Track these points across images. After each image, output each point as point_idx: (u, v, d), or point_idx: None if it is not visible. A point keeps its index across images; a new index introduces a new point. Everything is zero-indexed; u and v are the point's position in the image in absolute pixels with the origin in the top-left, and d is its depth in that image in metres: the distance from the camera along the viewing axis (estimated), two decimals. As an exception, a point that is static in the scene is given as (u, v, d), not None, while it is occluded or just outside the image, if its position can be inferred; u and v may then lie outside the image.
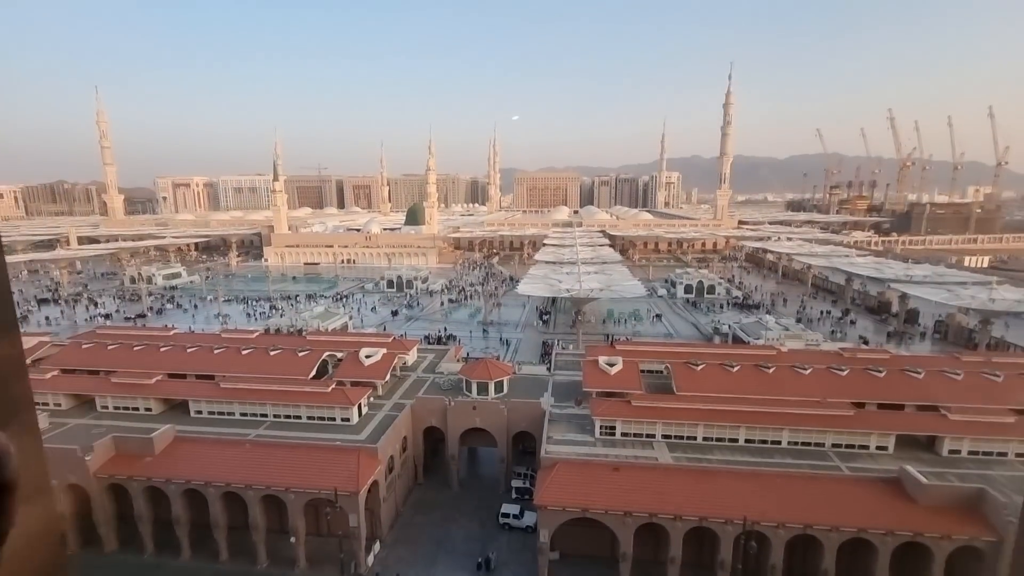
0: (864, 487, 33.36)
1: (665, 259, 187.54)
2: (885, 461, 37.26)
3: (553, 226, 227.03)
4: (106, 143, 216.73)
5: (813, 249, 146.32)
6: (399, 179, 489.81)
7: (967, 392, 42.88)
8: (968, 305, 79.36)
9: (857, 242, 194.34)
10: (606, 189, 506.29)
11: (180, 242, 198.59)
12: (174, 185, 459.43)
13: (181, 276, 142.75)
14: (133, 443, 38.48)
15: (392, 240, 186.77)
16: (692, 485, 34.05)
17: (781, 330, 73.44)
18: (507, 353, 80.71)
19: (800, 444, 39.39)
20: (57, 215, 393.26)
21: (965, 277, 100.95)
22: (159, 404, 46.75)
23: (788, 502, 32.25)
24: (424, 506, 44.05)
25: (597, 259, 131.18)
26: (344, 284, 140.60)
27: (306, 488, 35.36)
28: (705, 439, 40.09)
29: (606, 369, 46.62)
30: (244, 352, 52.90)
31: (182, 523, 37.29)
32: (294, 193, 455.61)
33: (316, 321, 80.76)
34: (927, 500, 31.32)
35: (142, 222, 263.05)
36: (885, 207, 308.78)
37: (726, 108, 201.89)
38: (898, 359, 51.24)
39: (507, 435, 45.16)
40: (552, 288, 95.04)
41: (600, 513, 33.05)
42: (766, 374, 45.78)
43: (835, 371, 46.10)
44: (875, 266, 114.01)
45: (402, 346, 56.73)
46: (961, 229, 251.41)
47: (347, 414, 43.60)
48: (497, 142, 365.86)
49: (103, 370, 51.19)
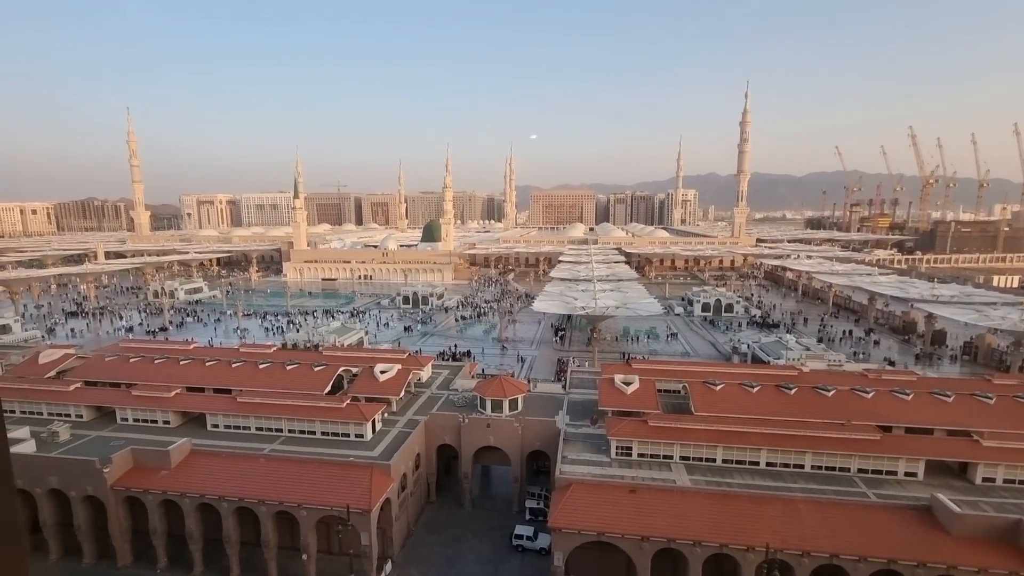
0: (893, 515, 31.98)
1: (682, 277, 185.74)
2: (915, 488, 35.76)
3: (569, 243, 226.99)
4: (135, 162, 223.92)
5: (834, 267, 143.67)
6: (416, 196, 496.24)
7: (1001, 417, 41.20)
8: (998, 326, 76.79)
9: (880, 260, 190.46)
10: (622, 206, 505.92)
11: (203, 257, 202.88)
12: (198, 202, 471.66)
13: (203, 291, 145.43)
14: (150, 455, 38.78)
15: (408, 256, 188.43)
16: (712, 509, 33.02)
17: (802, 350, 71.83)
18: (522, 370, 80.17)
19: (824, 468, 38.07)
20: (87, 231, 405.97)
21: (994, 297, 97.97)
22: (177, 417, 47.21)
23: (813, 529, 31.02)
24: (436, 525, 43.45)
25: (613, 276, 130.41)
26: (361, 300, 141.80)
27: (318, 505, 35.14)
28: (725, 461, 39.00)
29: (622, 388, 45.89)
30: (261, 366, 53.33)
31: (195, 538, 37.26)
32: (313, 210, 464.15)
33: (332, 336, 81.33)
34: (961, 530, 29.87)
35: (167, 238, 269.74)
36: (908, 225, 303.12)
37: (743, 126, 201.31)
38: (926, 381, 49.57)
39: (521, 454, 44.53)
40: (568, 305, 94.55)
41: (616, 537, 32.16)
42: (787, 395, 44.59)
43: (859, 393, 44.72)
44: (899, 285, 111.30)
45: (417, 362, 56.67)
46: (988, 248, 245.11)
47: (361, 430, 43.47)
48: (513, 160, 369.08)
49: (124, 382, 52.02)
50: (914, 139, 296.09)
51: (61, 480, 37.66)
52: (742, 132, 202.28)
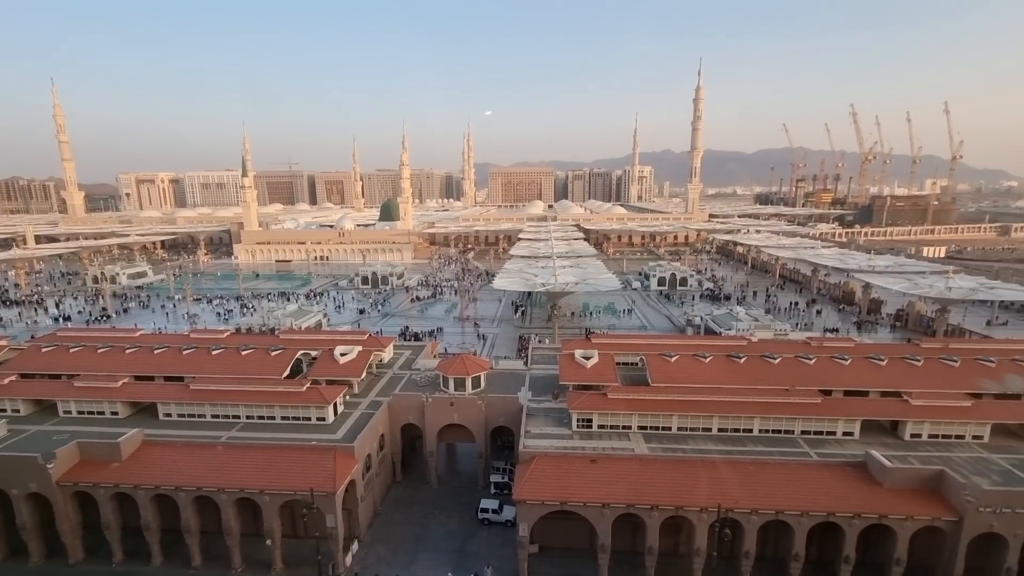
0: (832, 472, 34.54)
1: (639, 252, 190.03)
2: (851, 446, 38.63)
3: (528, 221, 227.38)
4: (63, 138, 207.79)
5: (780, 241, 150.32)
6: (372, 174, 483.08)
7: (927, 378, 44.71)
8: (926, 294, 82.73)
9: (822, 234, 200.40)
10: (580, 183, 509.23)
11: (145, 240, 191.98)
12: (138, 181, 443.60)
13: (147, 275, 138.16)
14: (99, 448, 37.12)
15: (366, 236, 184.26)
16: (668, 475, 34.68)
17: (751, 321, 75.27)
18: (484, 348, 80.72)
19: (771, 432, 40.52)
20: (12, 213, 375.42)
21: (923, 267, 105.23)
22: (126, 408, 45.23)
23: (760, 489, 33.15)
24: (402, 504, 43.81)
25: (572, 253, 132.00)
26: (317, 281, 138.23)
27: (281, 489, 34.73)
28: (680, 429, 40.88)
29: (582, 363, 47.03)
30: (214, 352, 51.51)
31: (152, 529, 36.21)
32: (264, 189, 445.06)
33: (289, 319, 79.20)
34: (891, 483, 32.61)
35: (104, 220, 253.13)
36: (848, 200, 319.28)
37: (696, 103, 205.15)
38: (862, 347, 53.04)
39: (485, 430, 45.21)
40: (528, 283, 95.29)
41: (579, 505, 33.40)
42: (737, 364, 46.86)
43: (803, 360, 47.49)
44: (839, 257, 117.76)
45: (378, 343, 56.10)
46: (919, 221, 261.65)
47: (322, 413, 42.95)
48: (471, 137, 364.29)
49: (65, 374, 49.22)
50: (855, 117, 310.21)
51: (0, 478, 35.64)
52: (695, 109, 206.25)
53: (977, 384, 43.56)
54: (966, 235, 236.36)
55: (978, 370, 45.28)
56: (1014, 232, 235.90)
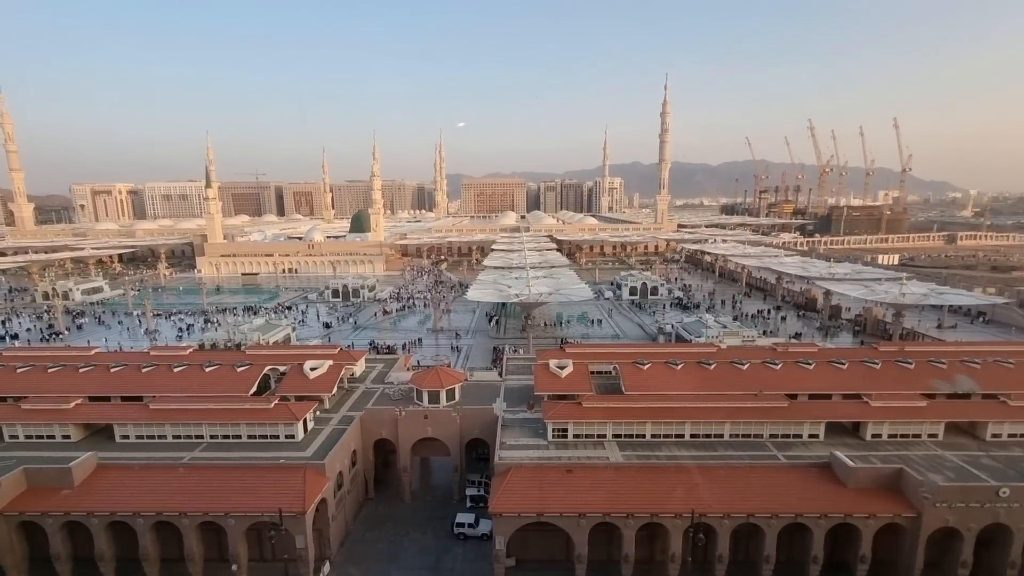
0: (799, 474, 35.41)
1: (610, 262, 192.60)
2: (817, 448, 39.70)
3: (501, 231, 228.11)
4: (12, 147, 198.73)
5: (746, 250, 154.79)
6: (343, 185, 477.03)
7: (885, 380, 46.44)
8: (883, 299, 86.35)
9: (785, 243, 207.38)
10: (552, 194, 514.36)
11: (101, 253, 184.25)
12: (93, 192, 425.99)
13: (103, 290, 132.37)
14: (48, 474, 35.08)
15: (337, 248, 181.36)
16: (642, 482, 34.92)
17: (720, 328, 77.01)
18: (458, 360, 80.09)
19: (741, 436, 41.32)
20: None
21: (879, 274, 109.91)
22: (79, 430, 42.94)
23: (732, 493, 33.70)
24: (375, 521, 42.77)
25: (545, 263, 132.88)
26: (286, 295, 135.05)
27: (248, 511, 33.44)
28: (653, 436, 41.29)
29: (557, 372, 47.12)
30: (176, 370, 49.54)
31: (107, 559, 34.29)
32: (229, 200, 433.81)
33: (256, 334, 76.94)
34: (854, 482, 33.63)
35: (56, 232, 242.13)
36: (809, 210, 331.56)
37: (663, 116, 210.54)
38: (825, 352, 54.81)
39: (460, 443, 44.68)
40: (502, 293, 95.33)
41: (555, 516, 33.26)
42: (707, 370, 47.76)
43: (770, 365, 48.75)
44: (801, 265, 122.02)
45: (349, 357, 54.99)
46: (874, 230, 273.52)
47: (291, 430, 41.71)
48: (443, 148, 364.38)
49: (11, 396, 46.46)
50: (812, 131, 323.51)
51: (-62, 510, 33.26)
52: (662, 123, 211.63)
53: (931, 385, 45.47)
54: (917, 243, 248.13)
55: (931, 372, 47.31)
56: (960, 240, 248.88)
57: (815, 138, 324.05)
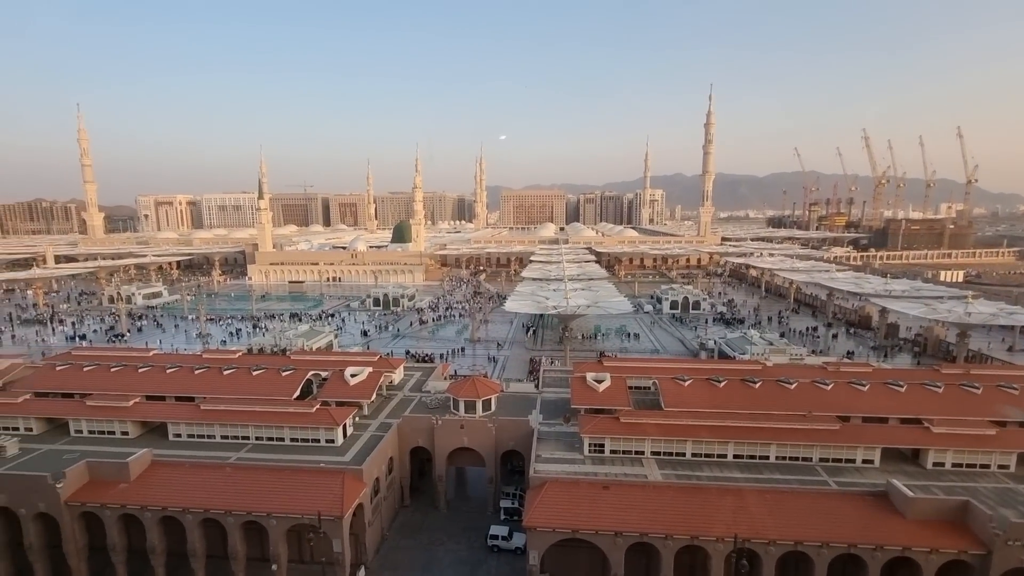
0: (852, 502, 33.41)
1: (650, 275, 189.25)
2: (872, 475, 37.43)
3: (540, 243, 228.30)
4: (87, 161, 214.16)
5: (795, 265, 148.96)
6: (386, 197, 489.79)
7: (948, 404, 43.47)
8: (945, 319, 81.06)
9: (837, 257, 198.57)
10: (591, 206, 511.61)
11: (162, 260, 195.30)
12: (156, 203, 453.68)
13: (162, 295, 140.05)
14: (108, 468, 37.09)
15: (378, 258, 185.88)
16: (682, 502, 33.78)
17: (766, 345, 74.10)
18: (495, 370, 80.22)
19: (788, 459, 39.45)
20: (35, 234, 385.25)
21: (941, 291, 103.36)
22: (136, 427, 45.33)
23: (778, 518, 32.10)
24: (410, 529, 43.06)
25: (583, 275, 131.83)
26: (329, 302, 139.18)
27: (288, 513, 34.32)
28: (694, 455, 39.96)
29: (594, 386, 46.44)
30: (226, 372, 51.74)
31: (158, 553, 35.86)
32: (279, 211, 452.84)
33: (300, 340, 79.44)
34: (914, 514, 31.43)
35: (123, 240, 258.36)
36: (862, 223, 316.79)
37: (707, 128, 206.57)
38: (880, 372, 51.88)
39: (495, 454, 44.55)
40: (539, 305, 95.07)
41: (590, 533, 32.54)
42: (752, 389, 45.98)
43: (820, 385, 46.49)
44: (855, 281, 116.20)
45: (388, 365, 55.98)
46: (935, 244, 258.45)
47: (332, 435, 42.68)
48: (483, 160, 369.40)
49: (78, 393, 49.64)
50: (867, 141, 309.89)
51: (10, 497, 35.66)
52: (707, 134, 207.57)
53: (1001, 412, 42.24)
54: (984, 259, 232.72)
55: (1001, 397, 44.00)
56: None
57: (870, 148, 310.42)
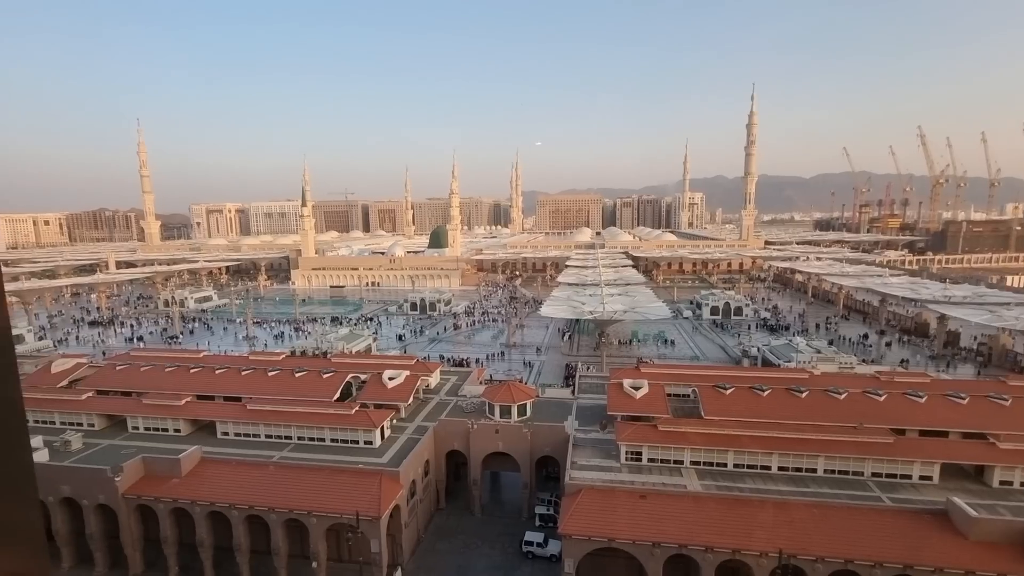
0: (908, 519, 31.50)
1: (690, 280, 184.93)
2: (930, 492, 35.23)
3: (575, 248, 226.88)
4: (145, 172, 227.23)
5: (844, 269, 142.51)
6: (423, 203, 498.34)
7: (1017, 419, 40.50)
8: (1012, 326, 75.71)
9: (890, 261, 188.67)
10: (628, 210, 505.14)
11: (212, 266, 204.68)
12: (208, 211, 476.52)
13: (212, 299, 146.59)
14: (161, 464, 38.99)
15: (415, 263, 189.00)
16: (724, 514, 32.69)
17: (813, 352, 71.12)
18: (530, 375, 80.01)
19: (837, 472, 37.61)
20: (98, 241, 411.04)
21: (1008, 297, 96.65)
22: (188, 425, 47.50)
23: (827, 534, 30.59)
24: (446, 532, 43.32)
25: (620, 280, 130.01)
26: (368, 307, 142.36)
27: (328, 512, 35.15)
28: (736, 466, 38.64)
29: (631, 392, 45.64)
30: (270, 374, 53.61)
31: (206, 546, 37.38)
32: (321, 218, 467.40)
33: (340, 343, 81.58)
34: (978, 535, 29.33)
35: (177, 247, 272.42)
36: (919, 225, 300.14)
37: (749, 128, 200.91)
38: (939, 383, 48.84)
39: (530, 460, 44.35)
40: (575, 310, 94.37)
41: (627, 543, 31.90)
42: (798, 398, 44.15)
43: (872, 395, 44.17)
44: (910, 286, 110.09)
45: (425, 368, 56.72)
46: (1001, 247, 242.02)
47: (370, 437, 43.52)
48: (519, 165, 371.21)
49: (135, 391, 52.48)
50: (923, 139, 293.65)
51: (74, 489, 37.99)
52: (749, 134, 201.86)
53: (1079, 428, 39.01)
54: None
55: (1079, 412, 40.63)
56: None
57: (926, 146, 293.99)
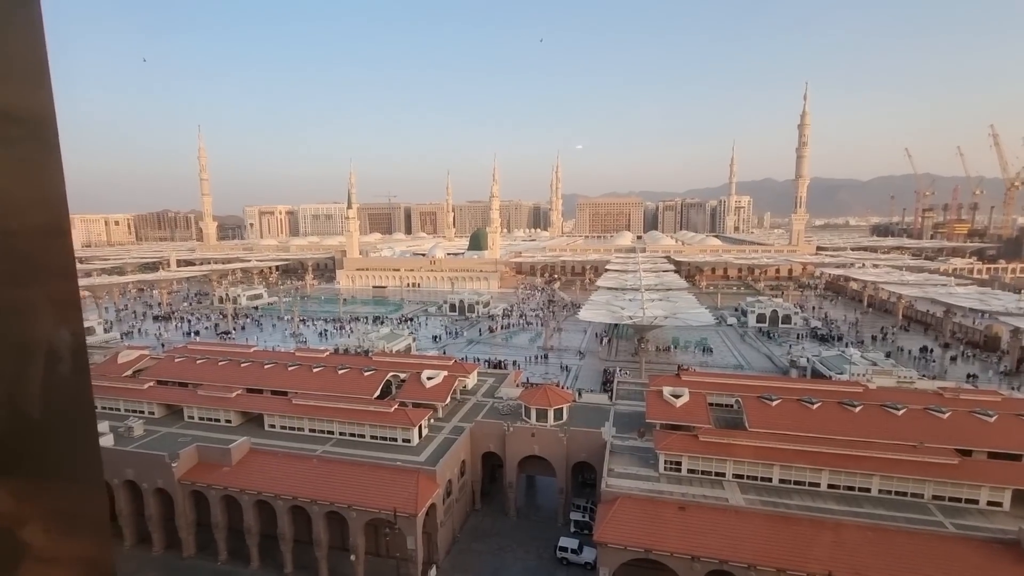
0: (975, 548, 29.28)
1: (735, 286, 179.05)
2: (1000, 519, 32.67)
3: (616, 251, 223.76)
4: (204, 176, 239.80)
5: (904, 277, 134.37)
6: (464, 205, 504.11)
7: (1102, 444, 37.08)
8: (1099, 343, 69.34)
9: (956, 270, 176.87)
10: (671, 214, 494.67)
11: (263, 265, 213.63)
12: (260, 213, 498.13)
13: (263, 297, 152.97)
14: (213, 452, 40.92)
15: (455, 265, 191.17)
16: (768, 531, 31.36)
17: (868, 365, 67.48)
18: (567, 380, 79.40)
19: (894, 493, 35.42)
20: (162, 240, 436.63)
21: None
22: (238, 416, 49.66)
23: (884, 559, 28.82)
24: (481, 533, 43.46)
25: (661, 285, 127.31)
26: (409, 307, 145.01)
27: (367, 507, 35.93)
28: (782, 481, 37.03)
29: (671, 400, 44.55)
30: (315, 370, 55.39)
31: (252, 533, 38.93)
32: (365, 220, 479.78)
33: (382, 342, 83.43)
34: (1056, 569, 26.98)
35: (232, 247, 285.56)
36: (989, 231, 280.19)
37: (801, 129, 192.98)
38: (1012, 402, 45.36)
39: (566, 465, 43.95)
40: (614, 315, 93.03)
41: (665, 555, 31.09)
42: (851, 413, 41.91)
43: (934, 413, 41.44)
44: (979, 297, 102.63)
45: (462, 369, 57.24)
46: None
47: (408, 435, 44.24)
48: (559, 168, 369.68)
49: (191, 382, 55.37)
50: (996, 138, 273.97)
51: (135, 472, 40.39)
52: (800, 135, 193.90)
53: None
54: None
55: None
56: None
57: (999, 146, 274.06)
